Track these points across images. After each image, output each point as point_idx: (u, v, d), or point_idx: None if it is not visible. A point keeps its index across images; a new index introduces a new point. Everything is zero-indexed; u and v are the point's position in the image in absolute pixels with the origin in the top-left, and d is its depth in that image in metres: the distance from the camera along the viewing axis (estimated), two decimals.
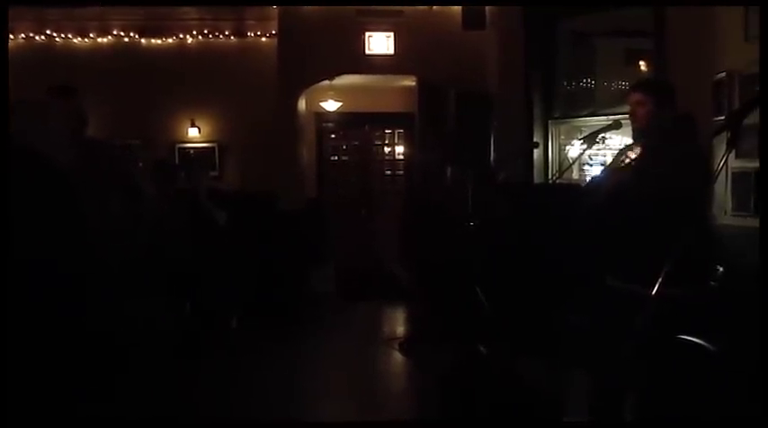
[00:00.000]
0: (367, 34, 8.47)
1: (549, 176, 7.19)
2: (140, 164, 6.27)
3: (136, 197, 4.10)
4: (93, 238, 3.46)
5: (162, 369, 4.88)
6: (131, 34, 8.97)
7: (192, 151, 9.19)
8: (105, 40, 8.95)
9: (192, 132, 9.19)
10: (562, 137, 7.49)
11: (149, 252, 4.19)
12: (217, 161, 9.25)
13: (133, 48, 9.01)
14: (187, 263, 5.62)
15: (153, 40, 9.04)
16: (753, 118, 4.50)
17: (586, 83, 7.50)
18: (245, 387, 5.19)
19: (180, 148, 9.19)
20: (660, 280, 2.28)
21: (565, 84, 7.56)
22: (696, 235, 2.54)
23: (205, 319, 6.14)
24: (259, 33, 9.05)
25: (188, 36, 9.04)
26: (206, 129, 9.22)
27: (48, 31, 8.84)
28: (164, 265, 4.77)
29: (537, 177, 7.27)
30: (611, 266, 3.45)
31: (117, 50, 8.94)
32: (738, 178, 4.94)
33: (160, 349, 5.07)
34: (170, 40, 9.06)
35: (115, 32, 8.95)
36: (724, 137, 2.61)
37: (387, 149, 10.60)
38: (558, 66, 7.56)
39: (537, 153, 7.30)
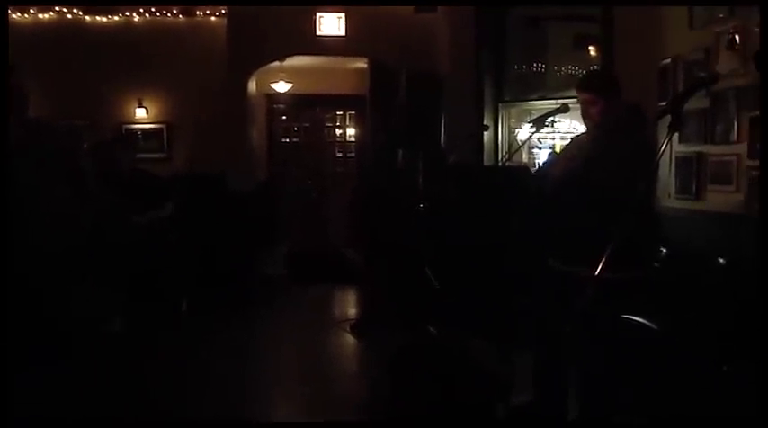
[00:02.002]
0: (318, 15, 8.39)
1: (499, 159, 7.26)
2: (85, 146, 6.11)
3: (80, 180, 4.01)
4: (35, 223, 3.38)
5: (110, 355, 4.81)
6: (75, 11, 8.72)
7: (139, 132, 9.03)
8: (47, 15, 8.68)
9: (140, 113, 9.00)
10: (512, 120, 7.57)
11: (94, 236, 4.11)
12: (165, 142, 9.09)
13: (77, 25, 8.75)
14: (132, 247, 5.53)
15: (98, 18, 8.81)
16: (695, 103, 4.63)
17: (536, 66, 7.57)
18: (195, 371, 5.15)
19: (127, 129, 9.01)
20: (603, 262, 2.33)
21: (515, 67, 7.62)
22: (639, 218, 2.59)
23: (153, 303, 6.06)
24: (208, 12, 8.87)
25: (134, 14, 8.83)
26: (154, 109, 9.04)
27: None
28: (108, 249, 4.69)
29: (487, 160, 7.33)
30: (558, 249, 3.50)
31: (60, 27, 8.68)
32: (681, 162, 5.06)
33: (107, 335, 5.00)
34: (116, 18, 8.83)
35: (57, 9, 8.68)
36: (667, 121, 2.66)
37: (338, 131, 10.57)
38: (509, 50, 7.61)
39: (487, 135, 7.35)
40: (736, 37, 4.35)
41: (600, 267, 2.33)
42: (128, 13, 8.80)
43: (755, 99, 4.19)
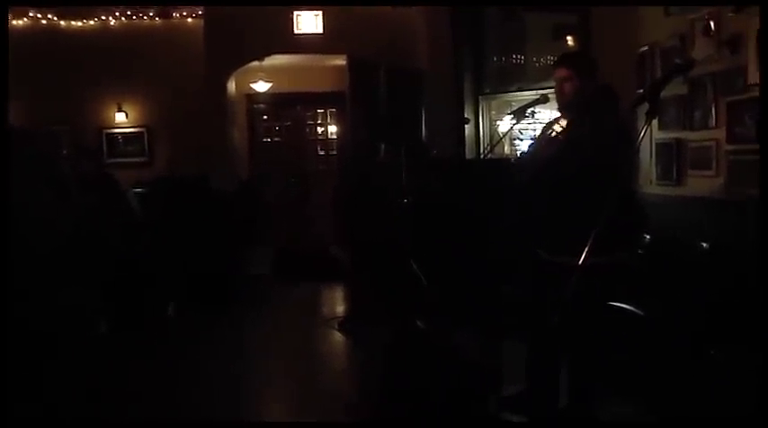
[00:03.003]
0: (295, 13, 8.37)
1: (481, 151, 7.28)
2: (65, 152, 6.07)
3: (60, 186, 3.99)
4: (17, 228, 3.36)
5: (97, 360, 4.78)
6: (49, 16, 8.64)
7: (120, 137, 8.99)
8: (21, 21, 8.59)
9: (120, 117, 8.96)
10: (493, 112, 7.59)
11: (78, 240, 4.09)
12: (146, 146, 9.05)
13: (52, 30, 8.69)
14: (118, 250, 5.50)
15: (73, 22, 8.74)
16: (673, 90, 4.67)
17: (516, 58, 7.58)
18: (182, 371, 5.13)
19: (107, 134, 8.96)
20: (587, 249, 2.34)
21: (494, 59, 7.64)
22: (620, 204, 2.60)
23: (140, 305, 6.03)
24: (185, 14, 8.83)
25: (110, 17, 8.77)
26: (133, 113, 9.00)
27: None
28: (94, 253, 4.66)
29: (468, 152, 7.35)
30: (541, 238, 3.52)
31: (35, 33, 8.60)
32: (662, 149, 5.09)
33: (94, 340, 4.97)
34: (92, 22, 8.77)
35: (32, 14, 8.60)
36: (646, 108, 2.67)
37: (319, 129, 10.55)
38: (487, 42, 7.63)
39: (468, 128, 7.36)
40: (711, 23, 4.39)
41: (584, 255, 2.34)
42: (104, 17, 8.73)
43: (732, 84, 4.23)
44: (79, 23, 8.74)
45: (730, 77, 4.24)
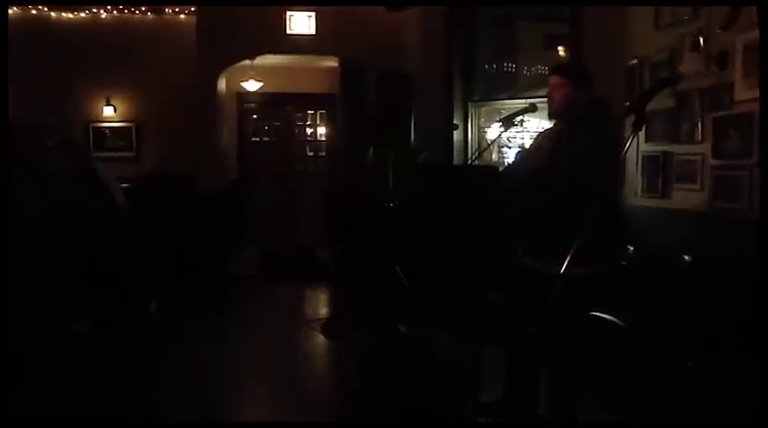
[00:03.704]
0: (288, 13, 8.37)
1: (468, 157, 7.30)
2: (50, 145, 6.01)
3: (46, 179, 3.96)
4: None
5: (78, 358, 4.75)
6: (40, 7, 8.59)
7: (107, 131, 8.95)
8: (10, 11, 8.51)
9: (108, 111, 8.92)
10: (482, 119, 7.61)
11: (60, 236, 4.06)
12: (134, 141, 9.01)
13: (43, 21, 8.64)
14: (100, 246, 5.47)
15: (64, 14, 8.70)
16: (661, 103, 4.70)
17: (507, 66, 7.61)
18: (165, 371, 5.11)
19: (94, 128, 8.91)
20: (569, 258, 2.35)
21: (485, 66, 7.66)
22: (604, 214, 2.62)
23: (123, 304, 5.99)
24: (177, 10, 8.81)
25: (102, 11, 8.73)
26: (122, 107, 8.96)
27: None
28: (75, 249, 4.63)
29: (456, 158, 7.36)
30: (526, 246, 3.53)
31: (26, 23, 8.55)
32: (648, 161, 5.12)
33: (75, 336, 4.94)
34: (83, 15, 8.73)
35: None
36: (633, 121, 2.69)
37: (309, 130, 10.55)
38: (479, 49, 7.65)
39: (456, 134, 7.38)
40: (700, 39, 4.42)
41: (567, 263, 2.35)
42: (95, 10, 8.69)
43: (718, 100, 4.27)
44: (70, 15, 8.70)
45: (717, 93, 4.28)
